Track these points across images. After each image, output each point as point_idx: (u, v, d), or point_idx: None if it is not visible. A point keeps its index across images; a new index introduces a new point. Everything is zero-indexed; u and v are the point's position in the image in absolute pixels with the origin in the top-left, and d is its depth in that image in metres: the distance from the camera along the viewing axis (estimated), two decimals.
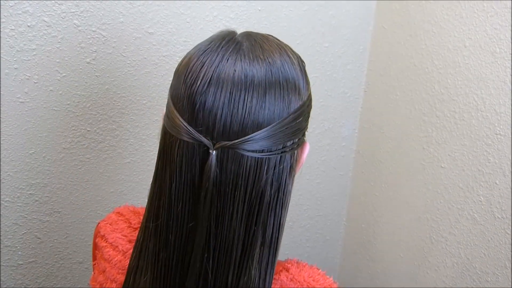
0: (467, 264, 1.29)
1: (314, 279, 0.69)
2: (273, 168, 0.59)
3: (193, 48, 0.62)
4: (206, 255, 0.59)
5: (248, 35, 0.62)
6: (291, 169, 0.61)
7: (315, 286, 0.68)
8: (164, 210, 0.60)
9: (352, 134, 1.63)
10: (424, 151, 1.37)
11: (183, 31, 1.20)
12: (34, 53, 1.04)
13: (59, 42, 1.06)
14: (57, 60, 1.07)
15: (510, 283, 1.18)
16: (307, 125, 0.64)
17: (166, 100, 0.62)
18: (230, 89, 0.56)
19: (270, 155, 0.58)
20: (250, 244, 0.60)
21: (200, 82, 0.56)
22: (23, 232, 1.17)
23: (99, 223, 0.79)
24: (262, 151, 0.57)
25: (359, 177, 1.64)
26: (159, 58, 1.19)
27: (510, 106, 1.12)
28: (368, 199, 1.62)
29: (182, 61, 0.62)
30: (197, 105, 0.56)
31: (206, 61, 0.57)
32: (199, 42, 1.20)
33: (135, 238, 0.69)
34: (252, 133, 0.56)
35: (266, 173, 0.58)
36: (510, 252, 1.17)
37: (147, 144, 1.26)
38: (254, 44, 0.60)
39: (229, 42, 0.59)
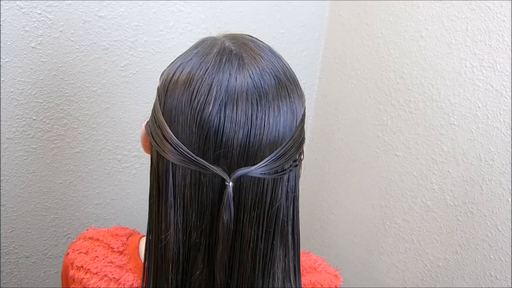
0: (420, 249, 1.32)
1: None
2: (287, 181, 0.57)
3: (180, 62, 0.57)
4: (227, 280, 0.57)
5: (239, 42, 0.58)
6: (299, 176, 0.60)
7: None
8: (176, 241, 0.57)
9: (306, 121, 1.62)
10: (379, 139, 1.38)
11: (135, 14, 1.14)
12: None
13: (1, 25, 0.99)
14: None
15: (460, 268, 1.21)
16: None
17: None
18: (246, 111, 0.52)
19: (286, 172, 0.56)
20: (270, 259, 0.58)
21: (213, 106, 0.52)
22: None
23: (67, 254, 0.73)
24: (276, 171, 0.55)
25: (312, 164, 1.64)
26: (109, 43, 1.13)
27: (465, 97, 1.13)
28: (322, 185, 1.63)
29: (173, 78, 0.56)
30: (210, 131, 0.52)
31: (213, 81, 0.53)
32: (152, 26, 1.16)
33: (123, 262, 0.67)
34: (269, 154, 0.54)
35: (281, 189, 0.56)
36: (461, 239, 1.20)
37: (98, 133, 1.20)
38: (252, 54, 0.56)
39: (227, 55, 0.55)
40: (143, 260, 0.69)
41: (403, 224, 1.35)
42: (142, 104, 1.24)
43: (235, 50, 0.56)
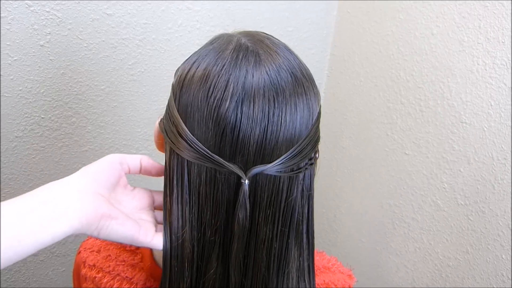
0: (429, 249, 1.31)
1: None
2: (302, 180, 0.56)
3: (196, 58, 0.56)
4: (242, 278, 0.57)
5: (254, 39, 0.58)
6: (314, 174, 0.60)
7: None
8: (191, 239, 0.56)
9: None
10: (388, 137, 1.37)
11: (144, 12, 1.13)
12: None
13: (9, 23, 0.98)
14: (8, 43, 0.99)
15: (471, 268, 1.20)
16: None
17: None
18: (262, 107, 0.52)
19: (302, 170, 0.56)
20: (285, 258, 0.58)
21: (230, 102, 0.51)
22: None
23: (79, 252, 0.73)
24: (292, 170, 0.54)
25: (320, 162, 1.63)
26: (118, 41, 1.13)
27: (477, 95, 1.12)
28: (330, 184, 1.62)
29: (189, 74, 0.55)
30: (227, 127, 0.51)
31: (230, 77, 0.52)
32: (160, 24, 1.15)
33: (136, 261, 0.66)
34: (286, 151, 0.53)
35: (297, 187, 0.56)
36: (472, 238, 1.19)
37: (106, 131, 1.20)
38: (269, 51, 0.56)
39: (244, 52, 0.55)
40: (156, 259, 0.68)
41: (413, 223, 1.34)
42: (150, 103, 1.23)
43: (251, 47, 0.56)
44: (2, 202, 0.48)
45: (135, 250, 0.70)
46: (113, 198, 0.57)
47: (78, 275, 0.72)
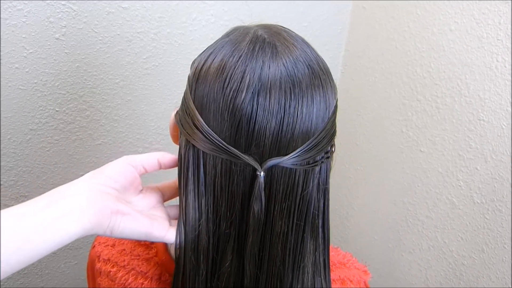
0: (444, 247, 1.29)
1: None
2: (318, 173, 0.56)
3: (212, 50, 0.56)
4: (257, 272, 0.56)
5: (271, 31, 0.57)
6: (330, 169, 0.59)
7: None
8: (207, 231, 0.56)
9: None
10: (403, 134, 1.36)
11: (159, 6, 1.13)
12: None
13: (25, 16, 0.98)
14: (23, 35, 0.99)
15: (486, 267, 1.19)
16: None
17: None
18: (279, 99, 0.51)
19: (318, 163, 0.55)
20: (301, 252, 0.57)
21: (246, 93, 0.51)
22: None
23: (94, 246, 0.73)
24: (308, 163, 0.54)
25: (333, 158, 1.62)
26: (132, 35, 1.12)
27: (495, 92, 1.11)
28: (342, 181, 1.61)
29: (205, 65, 0.55)
30: (243, 119, 0.51)
31: (246, 68, 0.52)
32: (175, 18, 1.15)
33: (151, 256, 0.66)
34: (302, 144, 0.52)
35: (313, 181, 0.55)
36: (488, 237, 1.17)
37: (119, 125, 1.19)
38: (286, 44, 0.55)
39: (260, 43, 0.54)
40: (170, 253, 0.68)
41: (427, 221, 1.33)
42: (164, 97, 1.22)
43: (268, 39, 0.55)
44: (11, 207, 0.47)
45: (149, 245, 0.70)
46: (124, 199, 0.57)
47: (93, 269, 0.72)
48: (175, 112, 0.61)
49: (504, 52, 1.07)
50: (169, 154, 0.59)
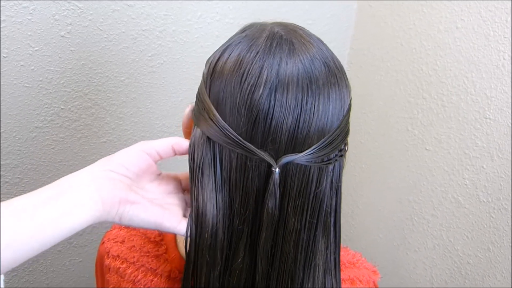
0: (449, 246, 1.29)
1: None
2: (332, 171, 0.56)
3: (228, 45, 0.56)
4: (269, 269, 0.56)
5: (288, 29, 0.57)
6: (343, 167, 0.59)
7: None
8: (222, 227, 0.56)
9: None
10: (408, 132, 1.35)
11: (164, 4, 1.13)
12: (4, 24, 0.96)
13: (31, 13, 0.98)
14: (29, 33, 0.99)
15: (492, 266, 1.18)
16: None
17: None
18: (296, 95, 0.51)
19: (331, 161, 0.55)
20: (312, 250, 0.57)
21: (263, 89, 0.51)
22: None
23: (103, 243, 0.72)
24: (322, 160, 0.54)
25: (346, 157, 1.61)
26: (138, 33, 1.12)
27: (502, 90, 1.10)
28: (347, 179, 1.60)
29: (221, 60, 0.55)
30: (260, 114, 0.51)
31: (264, 64, 0.52)
32: (181, 15, 1.15)
33: (160, 253, 0.66)
34: (317, 141, 0.52)
35: (326, 178, 0.55)
36: (494, 236, 1.17)
37: (124, 122, 1.19)
38: (302, 41, 0.55)
39: (277, 40, 0.54)
40: (180, 250, 0.68)
41: (432, 219, 1.32)
42: (169, 95, 1.22)
43: (285, 36, 0.55)
44: (18, 197, 0.48)
45: (159, 242, 0.70)
46: (137, 186, 0.56)
47: (101, 265, 0.72)
48: (190, 107, 0.61)
49: (511, 50, 1.07)
50: (184, 140, 0.59)
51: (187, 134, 0.62)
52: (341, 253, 0.69)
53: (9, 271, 1.16)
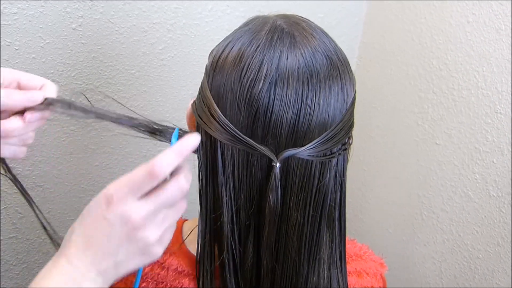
0: (458, 240, 1.29)
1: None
2: (335, 165, 0.56)
3: (230, 39, 0.56)
4: (273, 264, 0.57)
5: (290, 21, 0.57)
6: (347, 161, 0.59)
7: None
8: (231, 222, 0.56)
9: None
10: (418, 127, 1.35)
11: None
12: (16, 17, 0.96)
13: (42, 6, 0.98)
14: (40, 26, 1.00)
15: (502, 260, 1.18)
16: None
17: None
18: (296, 89, 0.51)
19: (334, 155, 0.55)
20: (317, 244, 0.57)
21: (263, 83, 0.51)
22: (3, 207, 1.11)
23: None
24: (325, 154, 0.53)
25: (350, 150, 1.61)
26: (148, 26, 1.12)
27: None
28: (356, 173, 1.60)
29: (223, 55, 0.55)
30: (260, 109, 0.51)
31: (264, 58, 0.52)
32: (191, 8, 1.15)
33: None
34: (318, 135, 0.52)
35: (329, 173, 0.55)
36: (504, 231, 1.16)
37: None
38: (304, 34, 0.55)
39: (279, 33, 0.54)
40: (186, 244, 0.68)
41: (442, 214, 1.32)
42: (179, 88, 1.23)
43: (287, 29, 0.55)
44: None
45: None
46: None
47: None
48: (192, 101, 0.61)
49: None
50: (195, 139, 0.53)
51: (192, 128, 0.63)
52: (348, 245, 0.69)
53: (19, 263, 1.17)
